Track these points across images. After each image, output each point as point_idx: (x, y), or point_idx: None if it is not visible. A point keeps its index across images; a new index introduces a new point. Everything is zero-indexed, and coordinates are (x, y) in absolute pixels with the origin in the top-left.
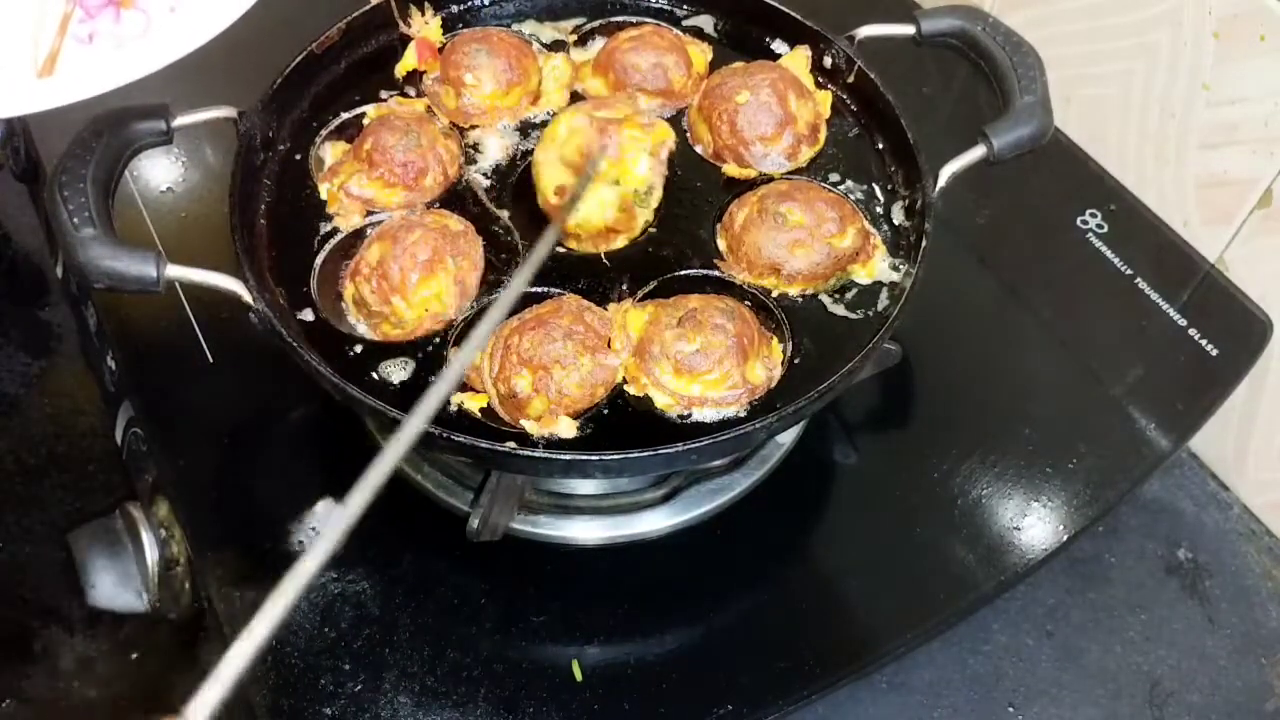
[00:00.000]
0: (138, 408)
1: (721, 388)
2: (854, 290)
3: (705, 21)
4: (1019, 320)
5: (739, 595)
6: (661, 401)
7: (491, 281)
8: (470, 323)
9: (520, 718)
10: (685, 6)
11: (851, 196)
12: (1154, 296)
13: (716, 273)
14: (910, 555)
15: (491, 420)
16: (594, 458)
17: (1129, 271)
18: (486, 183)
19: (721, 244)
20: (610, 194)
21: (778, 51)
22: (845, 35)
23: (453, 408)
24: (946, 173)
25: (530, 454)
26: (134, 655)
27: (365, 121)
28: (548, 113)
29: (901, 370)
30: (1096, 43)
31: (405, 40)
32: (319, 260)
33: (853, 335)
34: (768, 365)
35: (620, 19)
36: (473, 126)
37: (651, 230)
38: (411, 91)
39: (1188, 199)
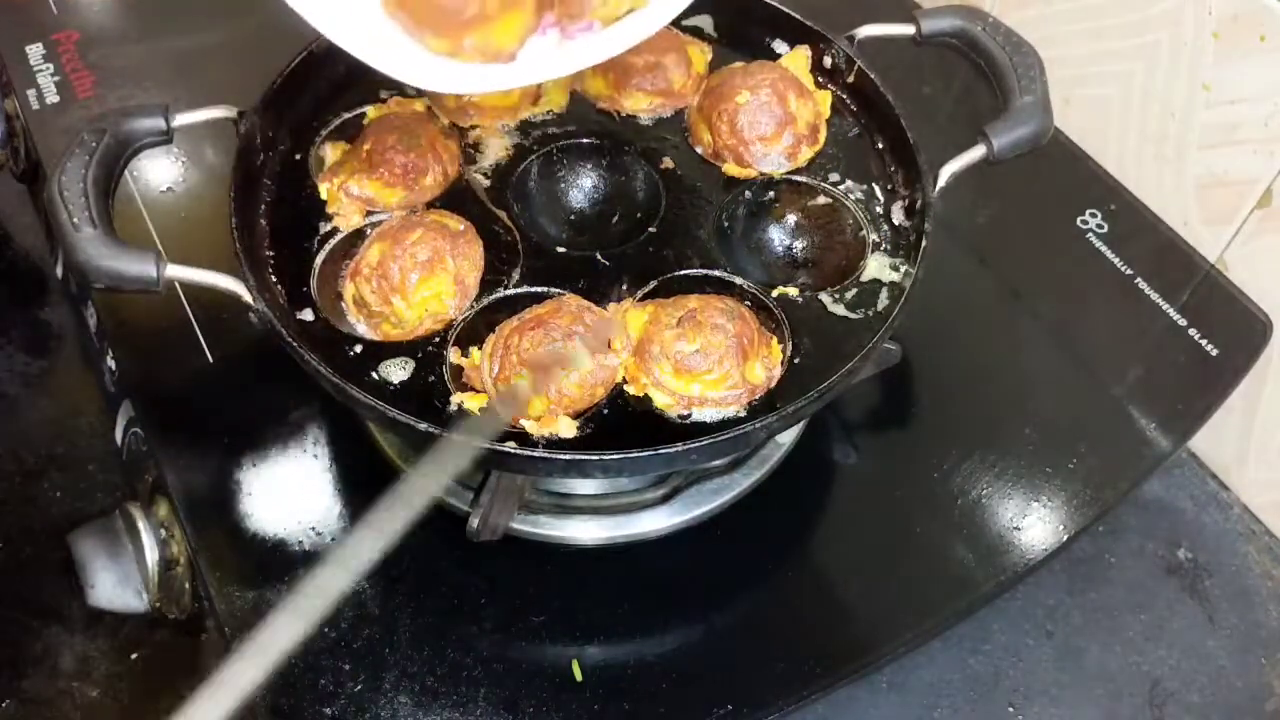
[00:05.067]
0: (138, 408)
1: (721, 388)
2: (854, 290)
3: (705, 21)
4: (1019, 320)
5: (739, 595)
6: (661, 401)
7: (490, 281)
8: (470, 323)
9: (520, 718)
10: None
11: (851, 196)
12: (1154, 296)
13: (717, 272)
14: (910, 555)
15: None
16: (594, 458)
17: (1129, 271)
18: (486, 183)
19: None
20: None
21: (778, 51)
22: (845, 35)
23: (453, 408)
24: (946, 173)
25: (530, 454)
26: (134, 655)
27: (365, 121)
28: (547, 112)
29: (901, 370)
30: (1096, 43)
31: None
32: (319, 260)
33: (853, 335)
34: (767, 365)
35: None
36: (473, 127)
37: (651, 230)
38: (412, 91)
39: (1188, 199)
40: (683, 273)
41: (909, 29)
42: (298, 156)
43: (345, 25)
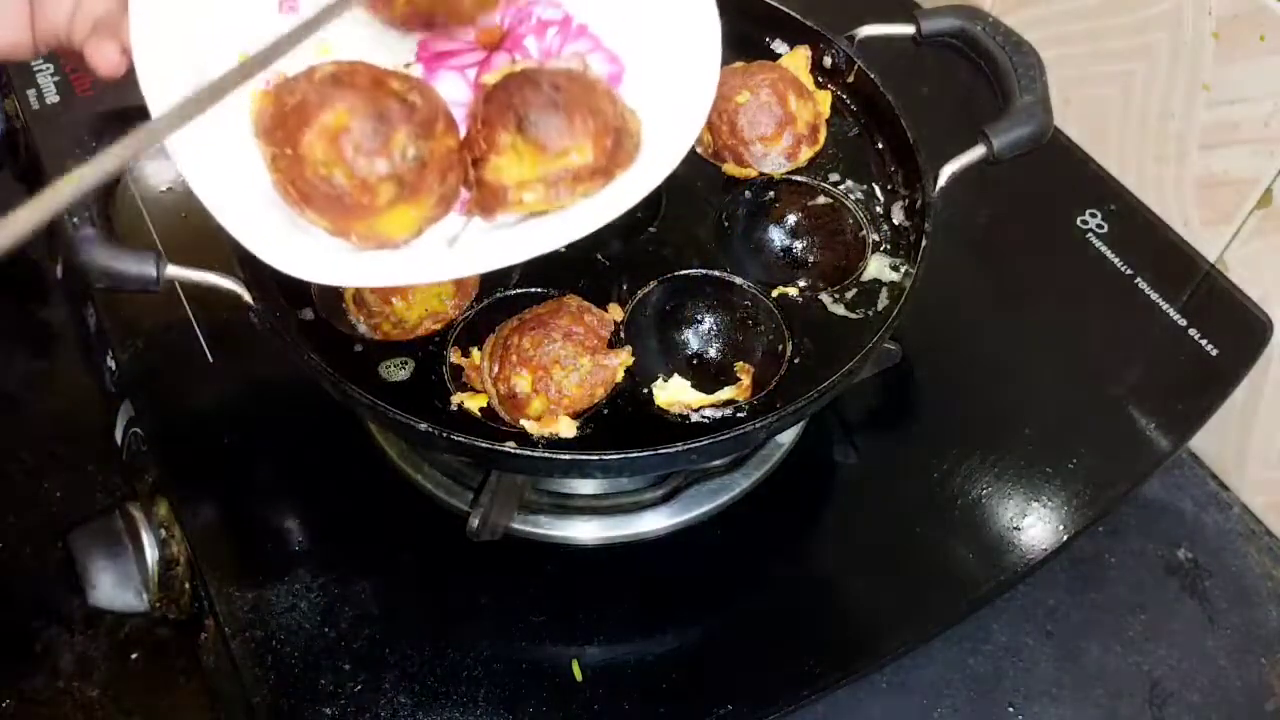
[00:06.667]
0: (138, 408)
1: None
2: (854, 290)
3: None
4: (1019, 320)
5: (739, 595)
6: (662, 400)
7: (490, 281)
8: (470, 324)
9: (520, 718)
10: None
11: (851, 196)
12: (1154, 296)
13: (716, 272)
14: (910, 555)
15: (491, 420)
16: (594, 458)
17: (1129, 271)
18: None
19: None
20: None
21: (778, 51)
22: (845, 35)
23: (453, 407)
24: (946, 173)
25: (530, 454)
26: (134, 655)
27: None
28: None
29: (901, 370)
30: (1096, 43)
31: None
32: None
33: (853, 335)
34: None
35: None
36: None
37: (651, 230)
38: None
39: (1188, 199)
40: (682, 273)
41: (909, 29)
42: None
43: (232, 203)
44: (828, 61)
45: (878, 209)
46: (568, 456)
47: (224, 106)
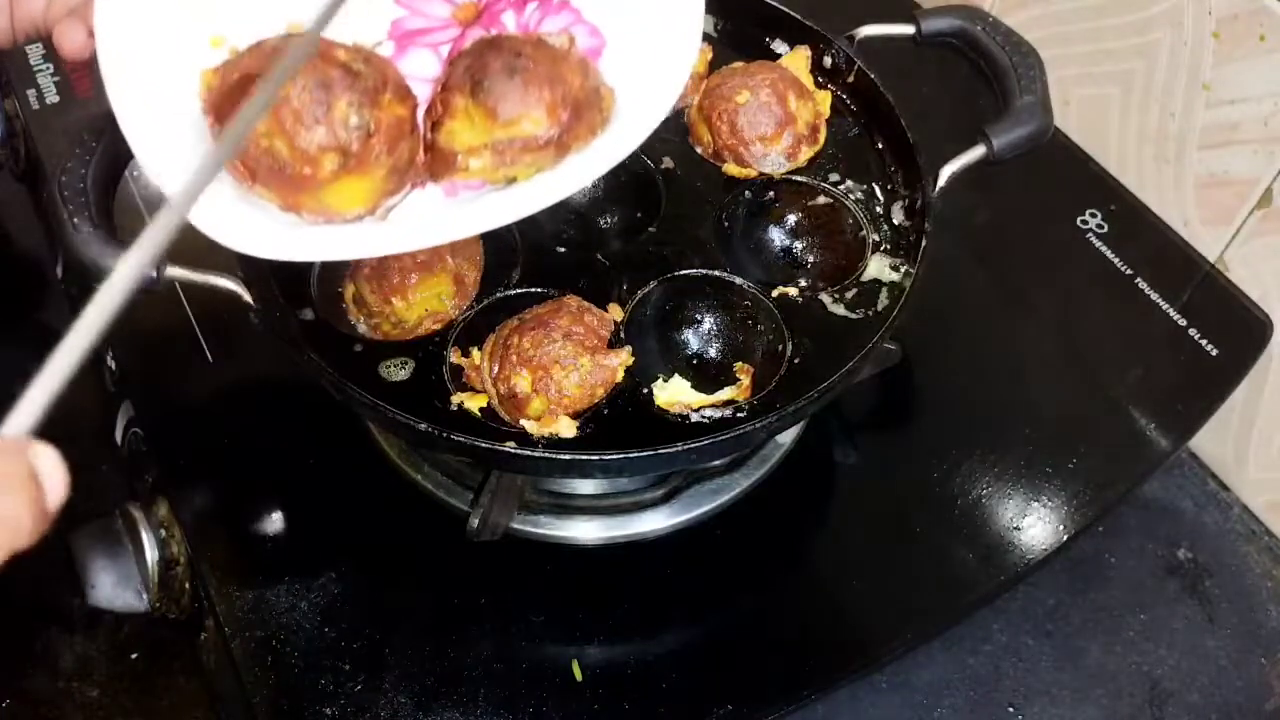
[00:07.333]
0: (138, 408)
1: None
2: (854, 290)
3: (705, 21)
4: (1019, 320)
5: (738, 595)
6: (662, 400)
7: (490, 281)
8: (470, 324)
9: (520, 718)
10: None
11: (851, 196)
12: (1154, 296)
13: (717, 272)
14: (910, 555)
15: (491, 420)
16: (594, 458)
17: (1129, 271)
18: None
19: None
20: None
21: (778, 51)
22: (845, 35)
23: (453, 407)
24: (946, 173)
25: (530, 454)
26: (134, 655)
27: None
28: None
29: (901, 370)
30: (1096, 43)
31: None
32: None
33: (853, 335)
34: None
35: None
36: None
37: (651, 230)
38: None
39: (1188, 199)
40: (682, 273)
41: (909, 29)
42: None
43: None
44: (828, 61)
45: (878, 209)
46: (568, 456)
47: (174, 84)
